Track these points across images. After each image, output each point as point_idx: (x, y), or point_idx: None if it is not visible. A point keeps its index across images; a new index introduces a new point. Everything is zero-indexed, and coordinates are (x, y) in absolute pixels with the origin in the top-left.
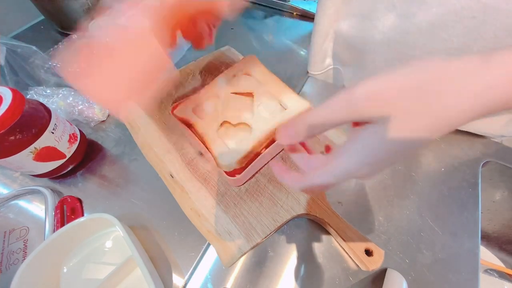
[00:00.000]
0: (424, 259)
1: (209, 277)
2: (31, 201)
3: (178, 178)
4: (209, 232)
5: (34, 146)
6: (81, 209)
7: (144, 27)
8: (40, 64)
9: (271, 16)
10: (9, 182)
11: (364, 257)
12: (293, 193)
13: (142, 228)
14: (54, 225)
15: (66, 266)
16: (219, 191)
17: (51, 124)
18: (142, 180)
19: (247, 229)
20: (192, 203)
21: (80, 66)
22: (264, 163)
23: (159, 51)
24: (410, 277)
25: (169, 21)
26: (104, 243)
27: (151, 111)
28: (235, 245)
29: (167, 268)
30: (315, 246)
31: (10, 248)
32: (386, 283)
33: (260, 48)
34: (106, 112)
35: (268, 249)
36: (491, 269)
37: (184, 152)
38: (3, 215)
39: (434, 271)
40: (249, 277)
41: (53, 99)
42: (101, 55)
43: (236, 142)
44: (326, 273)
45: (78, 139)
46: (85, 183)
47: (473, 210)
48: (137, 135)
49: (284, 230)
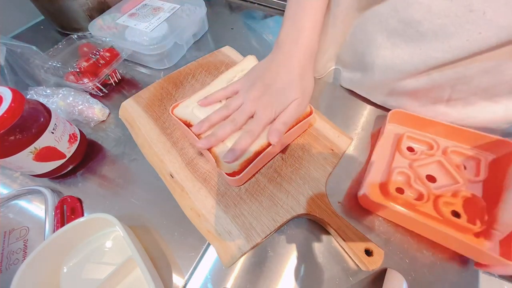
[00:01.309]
0: (424, 259)
1: (209, 277)
2: (31, 201)
3: (178, 178)
4: (209, 232)
5: (34, 146)
6: (81, 209)
7: None
8: (40, 64)
9: (271, 16)
10: (9, 182)
11: (364, 257)
12: (293, 193)
13: (142, 228)
14: (54, 225)
15: (66, 266)
16: (219, 191)
17: (51, 124)
18: (142, 180)
19: (247, 229)
20: (192, 203)
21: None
22: (264, 163)
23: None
24: (410, 277)
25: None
26: (104, 243)
27: (151, 111)
28: (235, 245)
29: (167, 268)
30: (315, 246)
31: (10, 248)
32: (386, 283)
33: (260, 48)
34: (106, 112)
35: (268, 249)
36: None
37: (184, 152)
38: (3, 215)
39: (434, 271)
40: (249, 277)
41: (53, 99)
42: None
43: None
44: (326, 273)
45: (78, 139)
46: (85, 183)
47: None
48: (137, 135)
49: (284, 230)
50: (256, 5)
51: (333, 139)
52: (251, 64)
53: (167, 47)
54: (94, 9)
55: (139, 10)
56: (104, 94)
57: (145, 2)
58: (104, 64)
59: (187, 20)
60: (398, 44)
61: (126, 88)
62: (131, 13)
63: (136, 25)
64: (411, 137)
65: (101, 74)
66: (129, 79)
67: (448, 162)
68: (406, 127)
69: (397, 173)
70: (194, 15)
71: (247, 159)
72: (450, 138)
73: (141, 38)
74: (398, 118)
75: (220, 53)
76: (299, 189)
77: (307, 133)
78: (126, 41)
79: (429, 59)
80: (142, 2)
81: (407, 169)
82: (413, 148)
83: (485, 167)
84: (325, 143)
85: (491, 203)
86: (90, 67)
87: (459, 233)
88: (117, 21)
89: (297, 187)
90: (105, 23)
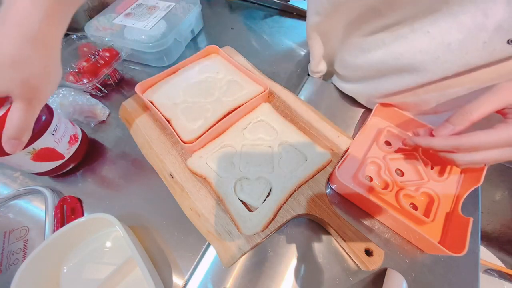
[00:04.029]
0: (424, 259)
1: (209, 277)
2: (31, 201)
3: (178, 178)
4: (209, 232)
5: (32, 147)
6: (81, 209)
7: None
8: None
9: (271, 16)
10: (9, 182)
11: (364, 257)
12: (293, 193)
13: (142, 228)
14: (54, 225)
15: (66, 266)
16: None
17: (52, 125)
18: (142, 180)
19: None
20: (192, 203)
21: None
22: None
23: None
24: (410, 277)
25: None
26: (104, 243)
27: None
28: (235, 245)
29: (167, 268)
30: (315, 246)
31: (10, 248)
32: (386, 283)
33: (260, 48)
34: (106, 112)
35: (268, 249)
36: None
37: (184, 152)
38: (3, 215)
39: (434, 271)
40: (249, 277)
41: (53, 99)
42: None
43: (255, 198)
44: (326, 273)
45: (79, 140)
46: (85, 183)
47: (473, 210)
48: (137, 135)
49: (284, 230)
50: (256, 5)
51: (333, 139)
52: (266, 111)
53: (168, 44)
54: (94, 9)
55: (134, 9)
56: (104, 94)
57: (140, 2)
58: (103, 64)
59: (183, 18)
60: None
61: (126, 88)
62: (126, 13)
63: (134, 24)
64: (391, 132)
65: (101, 74)
66: (129, 79)
67: (418, 160)
68: (389, 122)
69: (370, 162)
70: (190, 12)
71: (268, 221)
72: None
73: (141, 37)
74: (383, 112)
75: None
76: (299, 189)
77: (307, 132)
78: (126, 40)
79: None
80: (137, 2)
81: (380, 160)
82: (390, 142)
83: (450, 169)
84: (325, 143)
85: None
86: (89, 67)
87: (412, 223)
88: (113, 21)
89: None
90: (101, 24)
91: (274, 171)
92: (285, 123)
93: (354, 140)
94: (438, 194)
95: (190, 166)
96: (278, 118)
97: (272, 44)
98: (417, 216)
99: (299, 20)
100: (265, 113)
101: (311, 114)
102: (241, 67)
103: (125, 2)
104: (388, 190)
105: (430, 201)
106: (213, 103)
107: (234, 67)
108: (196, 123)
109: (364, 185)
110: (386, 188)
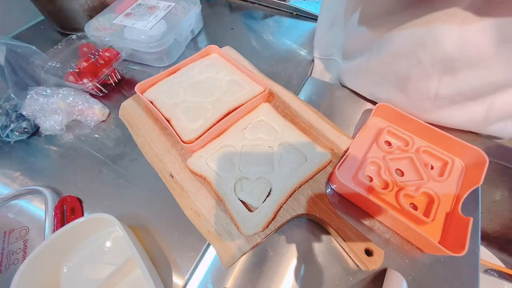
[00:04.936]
0: (424, 259)
1: (209, 277)
2: (31, 201)
3: (178, 178)
4: (209, 232)
5: None
6: (81, 209)
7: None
8: (40, 64)
9: (271, 16)
10: (9, 182)
11: (364, 257)
12: (294, 193)
13: (142, 228)
14: (54, 225)
15: (66, 266)
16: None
17: None
18: (142, 180)
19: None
20: (192, 203)
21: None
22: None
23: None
24: (410, 277)
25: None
26: (104, 243)
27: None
28: (235, 245)
29: (167, 268)
30: (315, 246)
31: (10, 248)
32: (386, 283)
33: (260, 48)
34: (106, 112)
35: (268, 249)
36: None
37: (184, 152)
38: (3, 215)
39: (434, 271)
40: (249, 277)
41: (53, 99)
42: None
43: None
44: (326, 273)
45: None
46: (85, 183)
47: (473, 210)
48: (137, 135)
49: (284, 230)
50: (256, 5)
51: (333, 139)
52: (266, 111)
53: (168, 44)
54: (94, 9)
55: (134, 9)
56: (104, 94)
57: (140, 2)
58: (103, 64)
59: (183, 18)
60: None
61: (126, 88)
62: (126, 13)
63: (134, 24)
64: (391, 132)
65: (101, 74)
66: (129, 79)
67: (418, 160)
68: (389, 122)
69: (370, 162)
70: (190, 12)
71: (268, 221)
72: (425, 138)
73: (141, 37)
74: (383, 112)
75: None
76: (299, 189)
77: (307, 132)
78: (126, 40)
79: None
80: (137, 2)
81: (380, 160)
82: (390, 142)
83: (450, 170)
84: (325, 143)
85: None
86: (89, 67)
87: (412, 223)
88: (113, 21)
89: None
90: (101, 24)
91: (274, 171)
92: (285, 123)
93: (354, 140)
94: (438, 194)
95: (190, 166)
96: (278, 118)
97: (272, 44)
98: (417, 216)
99: (299, 20)
100: (265, 113)
101: (311, 114)
102: (241, 67)
103: (125, 2)
104: (388, 190)
105: (430, 201)
106: (213, 103)
107: (234, 67)
108: (196, 123)
109: (364, 185)
110: (386, 188)
